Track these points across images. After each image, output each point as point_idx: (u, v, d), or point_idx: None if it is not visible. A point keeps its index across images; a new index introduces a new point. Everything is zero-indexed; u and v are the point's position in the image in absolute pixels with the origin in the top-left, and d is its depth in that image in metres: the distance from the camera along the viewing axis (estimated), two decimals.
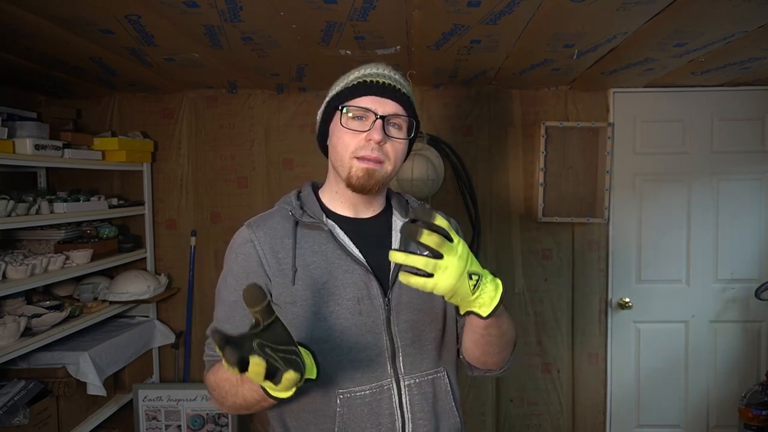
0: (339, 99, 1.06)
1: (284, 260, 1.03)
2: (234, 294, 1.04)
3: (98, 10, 1.58)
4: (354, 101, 1.04)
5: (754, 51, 2.01)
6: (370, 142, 1.02)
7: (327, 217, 1.09)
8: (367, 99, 1.03)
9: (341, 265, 1.03)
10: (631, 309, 2.79)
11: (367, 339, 1.02)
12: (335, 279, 1.02)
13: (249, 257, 1.04)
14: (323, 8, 1.58)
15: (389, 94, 1.04)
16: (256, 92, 2.80)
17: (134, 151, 2.66)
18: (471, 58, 2.15)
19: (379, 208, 1.15)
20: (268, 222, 1.08)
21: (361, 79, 1.05)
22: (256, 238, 1.05)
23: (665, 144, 2.75)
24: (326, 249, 1.05)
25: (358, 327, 1.01)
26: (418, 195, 2.65)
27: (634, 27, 1.73)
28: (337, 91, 1.08)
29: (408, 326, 1.05)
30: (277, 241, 1.05)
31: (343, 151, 1.04)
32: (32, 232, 2.41)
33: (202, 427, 2.60)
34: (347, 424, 1.00)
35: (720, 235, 2.76)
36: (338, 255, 1.04)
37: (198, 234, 2.85)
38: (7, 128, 1.97)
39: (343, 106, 1.04)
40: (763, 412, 2.31)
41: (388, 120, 1.04)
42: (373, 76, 1.06)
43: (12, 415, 1.90)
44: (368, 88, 1.04)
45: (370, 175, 1.03)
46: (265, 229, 1.06)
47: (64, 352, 2.21)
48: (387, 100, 1.04)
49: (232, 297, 1.04)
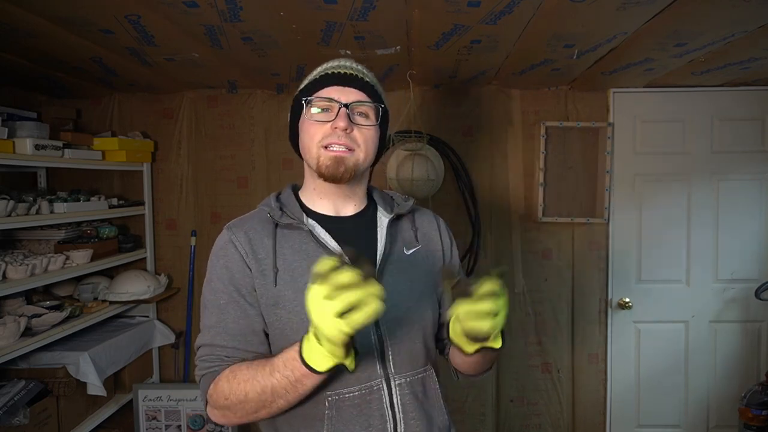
0: (303, 94, 1.08)
1: (264, 261, 1.02)
2: (222, 296, 1.02)
3: (98, 10, 1.58)
4: (317, 93, 1.06)
5: (754, 51, 2.01)
6: (336, 130, 1.02)
7: (308, 216, 1.08)
8: (330, 89, 1.05)
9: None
10: (631, 309, 2.79)
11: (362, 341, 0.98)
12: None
13: (231, 257, 1.03)
14: (323, 8, 1.58)
15: (352, 82, 1.06)
16: (256, 92, 2.80)
17: (134, 151, 2.66)
18: (471, 58, 2.15)
19: (361, 204, 1.14)
20: (246, 224, 1.07)
21: (322, 72, 1.08)
22: (236, 239, 1.04)
23: (665, 144, 2.75)
24: (307, 248, 1.04)
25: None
26: (418, 195, 2.65)
27: (634, 27, 1.73)
28: (301, 88, 1.10)
29: (397, 324, 1.03)
30: (257, 242, 1.04)
31: (310, 142, 1.05)
32: (32, 232, 2.41)
33: (202, 427, 2.60)
34: (336, 426, 0.97)
35: (720, 235, 2.76)
36: (320, 254, 1.01)
37: (198, 234, 2.85)
38: (7, 128, 1.97)
39: (307, 99, 1.06)
40: (763, 412, 2.31)
41: (353, 108, 1.04)
42: (335, 68, 1.08)
43: (12, 415, 1.90)
44: (330, 79, 1.05)
45: (339, 162, 1.03)
46: (244, 230, 1.05)
47: (64, 352, 2.21)
48: (350, 89, 1.05)
49: (221, 300, 1.02)
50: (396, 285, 1.05)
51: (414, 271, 1.11)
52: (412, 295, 1.07)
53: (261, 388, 0.90)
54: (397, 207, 1.16)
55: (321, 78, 1.07)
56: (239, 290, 1.02)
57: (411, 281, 1.09)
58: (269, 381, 0.89)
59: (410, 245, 1.14)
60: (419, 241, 1.16)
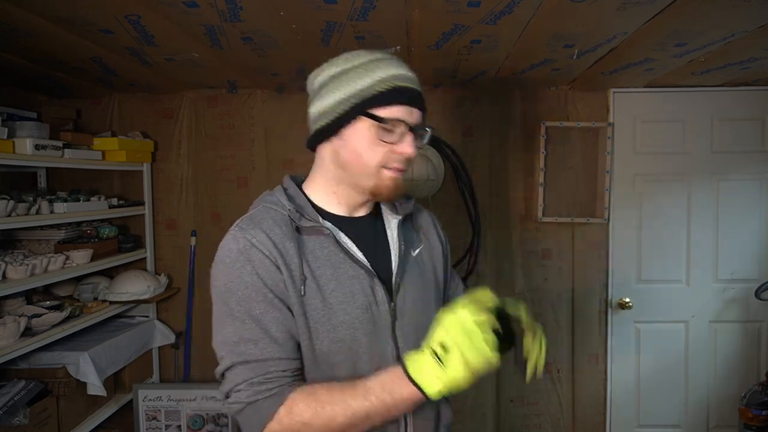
0: (369, 104, 0.94)
1: (291, 267, 0.94)
2: (257, 305, 0.92)
3: (98, 10, 1.58)
4: (388, 111, 0.94)
5: (754, 51, 2.01)
6: (400, 154, 0.97)
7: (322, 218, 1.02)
8: (399, 109, 0.95)
9: (347, 270, 0.98)
10: (631, 309, 2.78)
11: (375, 346, 0.98)
12: (343, 286, 0.97)
13: (258, 262, 0.93)
14: (323, 8, 1.58)
15: (418, 102, 0.98)
16: (256, 92, 2.80)
17: (134, 151, 2.66)
18: (471, 58, 2.15)
19: (371, 206, 1.10)
20: (262, 224, 0.96)
21: (392, 84, 0.95)
22: (258, 242, 0.94)
23: (665, 144, 2.75)
24: (329, 254, 0.98)
25: (368, 336, 0.97)
26: (418, 195, 2.65)
27: (634, 27, 1.73)
28: (367, 95, 0.95)
29: (412, 330, 1.01)
30: (280, 245, 0.95)
31: (370, 161, 0.97)
32: (32, 232, 2.41)
33: (202, 427, 2.60)
34: None
35: (720, 235, 2.75)
36: (342, 259, 0.98)
37: (198, 234, 2.85)
38: (7, 128, 1.97)
39: (377, 116, 0.94)
40: (763, 412, 2.31)
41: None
42: (403, 80, 0.97)
43: (12, 415, 1.90)
44: (401, 96, 0.95)
45: (398, 184, 1.00)
46: (263, 232, 0.95)
47: (64, 352, 2.21)
48: (416, 109, 0.98)
49: (255, 310, 0.91)
50: (411, 289, 1.04)
51: (422, 272, 1.10)
52: (424, 298, 1.06)
53: (353, 412, 0.86)
54: (400, 207, 1.11)
55: (391, 92, 0.95)
56: (276, 296, 0.93)
57: (422, 283, 1.08)
58: (363, 404, 0.86)
59: (415, 245, 1.12)
60: (421, 240, 1.14)
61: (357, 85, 0.95)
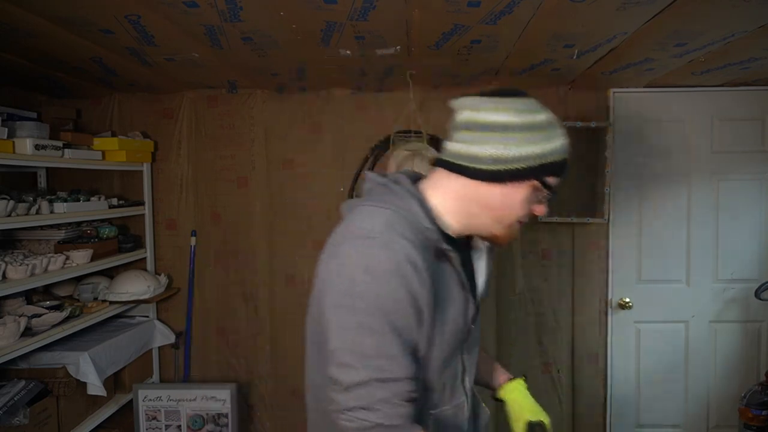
0: (545, 170, 0.96)
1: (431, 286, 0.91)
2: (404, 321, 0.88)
3: (98, 10, 1.58)
4: (553, 180, 0.99)
5: (754, 51, 2.01)
6: (534, 213, 1.03)
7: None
8: (556, 180, 1.00)
9: (458, 297, 1.00)
10: (632, 309, 2.79)
11: (454, 364, 1.04)
12: (455, 308, 0.99)
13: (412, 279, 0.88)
14: (323, 8, 1.58)
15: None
16: (256, 92, 2.80)
17: (134, 151, 2.66)
18: (471, 58, 2.15)
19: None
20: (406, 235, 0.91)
21: (563, 156, 0.99)
22: (409, 256, 0.88)
23: (665, 144, 2.75)
24: (449, 280, 0.98)
25: (454, 354, 1.03)
26: None
27: (634, 27, 1.73)
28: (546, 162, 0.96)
29: (472, 348, 1.10)
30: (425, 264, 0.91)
31: (515, 215, 1.00)
32: (32, 232, 2.41)
33: (202, 427, 2.60)
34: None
35: (720, 235, 2.75)
36: (456, 282, 0.99)
37: (198, 234, 2.85)
38: (7, 128, 1.97)
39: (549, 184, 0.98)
40: (763, 412, 2.31)
41: None
42: (566, 151, 1.01)
43: (12, 415, 1.90)
44: (564, 169, 1.01)
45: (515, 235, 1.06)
46: (413, 247, 0.90)
47: (64, 352, 2.21)
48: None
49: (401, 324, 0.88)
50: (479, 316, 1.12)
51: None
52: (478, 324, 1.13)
53: None
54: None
55: (561, 164, 0.99)
56: (419, 314, 0.90)
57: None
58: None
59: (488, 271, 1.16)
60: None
61: (540, 149, 0.95)
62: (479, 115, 0.96)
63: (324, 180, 2.82)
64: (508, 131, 0.94)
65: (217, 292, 2.87)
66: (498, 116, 0.95)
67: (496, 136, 0.94)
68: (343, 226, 0.98)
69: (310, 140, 2.82)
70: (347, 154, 2.80)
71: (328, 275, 0.92)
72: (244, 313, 2.87)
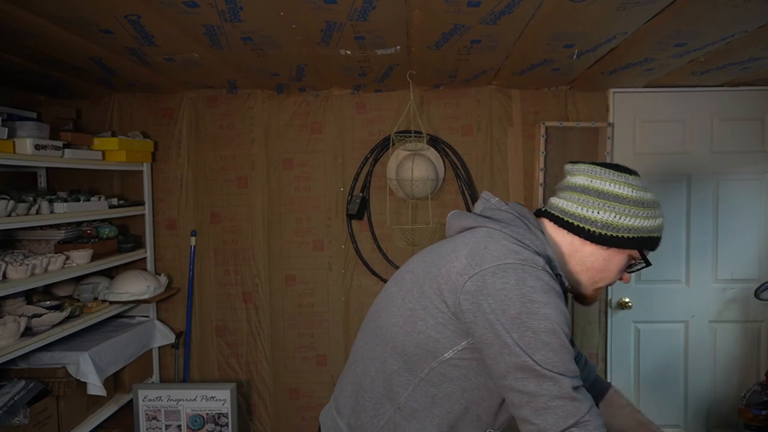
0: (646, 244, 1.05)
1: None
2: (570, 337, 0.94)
3: (98, 10, 1.58)
4: (649, 254, 1.08)
5: (754, 51, 2.00)
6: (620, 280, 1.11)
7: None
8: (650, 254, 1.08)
9: None
10: (631, 309, 2.79)
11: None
12: None
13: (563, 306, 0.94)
14: (323, 8, 1.58)
15: None
16: (256, 92, 2.80)
17: (134, 151, 2.66)
18: (471, 58, 2.15)
19: None
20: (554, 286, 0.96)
21: (660, 234, 1.08)
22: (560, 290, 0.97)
23: (665, 144, 2.75)
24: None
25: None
26: (418, 195, 2.65)
27: (634, 27, 1.73)
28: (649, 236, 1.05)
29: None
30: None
31: (608, 279, 1.08)
32: (32, 232, 2.41)
33: (202, 427, 2.60)
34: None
35: (720, 235, 2.76)
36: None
37: (198, 234, 2.85)
38: (7, 128, 1.97)
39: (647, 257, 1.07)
40: (763, 412, 2.31)
41: None
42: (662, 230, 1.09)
43: (12, 415, 1.91)
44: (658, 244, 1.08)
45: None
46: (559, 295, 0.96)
47: (64, 352, 2.21)
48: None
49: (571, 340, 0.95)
50: None
51: None
52: None
53: None
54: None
55: (658, 240, 1.08)
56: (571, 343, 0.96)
57: None
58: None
59: None
60: None
61: (647, 224, 1.05)
62: (596, 183, 1.06)
63: (324, 180, 2.82)
64: (622, 202, 1.03)
65: (217, 292, 2.87)
66: (614, 187, 1.04)
67: (611, 204, 1.04)
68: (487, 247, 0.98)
69: (310, 140, 2.82)
70: (347, 154, 2.80)
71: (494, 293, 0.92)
72: (244, 313, 2.87)
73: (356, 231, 2.81)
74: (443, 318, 0.97)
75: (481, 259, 0.95)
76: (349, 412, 1.09)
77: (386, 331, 1.05)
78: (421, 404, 1.01)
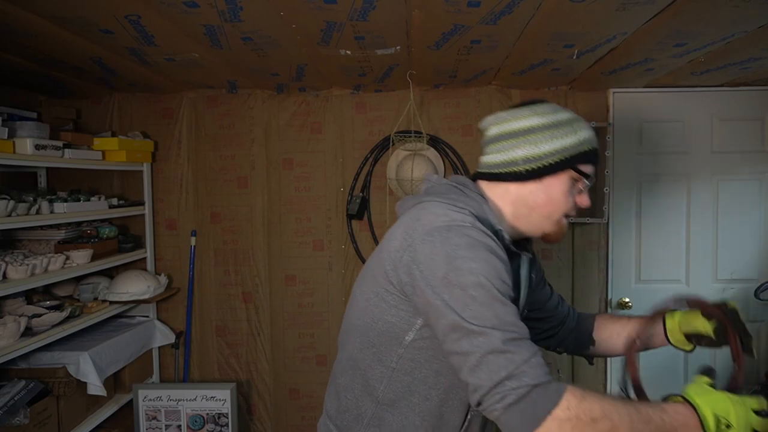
0: (577, 159, 1.04)
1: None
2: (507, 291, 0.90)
3: (98, 10, 1.59)
4: (587, 168, 1.06)
5: (754, 51, 2.01)
6: (579, 205, 1.08)
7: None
8: (591, 167, 1.07)
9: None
10: (631, 309, 2.78)
11: None
12: None
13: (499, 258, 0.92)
14: (323, 8, 1.58)
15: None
16: (256, 92, 2.81)
17: (134, 151, 2.66)
18: (471, 58, 2.15)
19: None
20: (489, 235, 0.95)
21: (592, 145, 1.06)
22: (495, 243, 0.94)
23: (665, 144, 2.75)
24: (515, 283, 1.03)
25: None
26: None
27: (634, 27, 1.73)
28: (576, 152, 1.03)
29: None
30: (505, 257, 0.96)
31: (561, 209, 1.06)
32: (32, 232, 2.41)
33: (202, 427, 2.60)
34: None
35: (720, 235, 2.75)
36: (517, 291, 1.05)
37: (198, 234, 2.85)
38: (7, 128, 1.97)
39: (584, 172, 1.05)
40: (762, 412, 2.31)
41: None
42: (595, 141, 1.08)
43: (12, 415, 1.91)
44: (596, 156, 1.08)
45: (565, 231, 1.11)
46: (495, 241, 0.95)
47: (64, 352, 2.21)
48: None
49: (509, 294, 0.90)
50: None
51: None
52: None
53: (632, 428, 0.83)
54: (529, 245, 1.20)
55: (592, 152, 1.06)
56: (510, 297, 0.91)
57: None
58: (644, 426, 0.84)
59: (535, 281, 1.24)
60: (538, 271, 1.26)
61: (568, 141, 1.04)
62: (505, 126, 1.06)
63: (324, 180, 2.82)
64: (535, 132, 1.03)
65: (217, 292, 2.87)
66: (522, 123, 1.05)
67: (525, 139, 1.04)
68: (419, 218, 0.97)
69: (310, 140, 2.82)
70: (347, 154, 2.80)
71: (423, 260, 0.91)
72: (244, 313, 2.87)
73: (356, 231, 2.82)
74: (394, 300, 0.97)
75: (413, 230, 0.96)
76: (334, 414, 1.11)
77: (352, 327, 1.07)
78: (399, 394, 1.02)
